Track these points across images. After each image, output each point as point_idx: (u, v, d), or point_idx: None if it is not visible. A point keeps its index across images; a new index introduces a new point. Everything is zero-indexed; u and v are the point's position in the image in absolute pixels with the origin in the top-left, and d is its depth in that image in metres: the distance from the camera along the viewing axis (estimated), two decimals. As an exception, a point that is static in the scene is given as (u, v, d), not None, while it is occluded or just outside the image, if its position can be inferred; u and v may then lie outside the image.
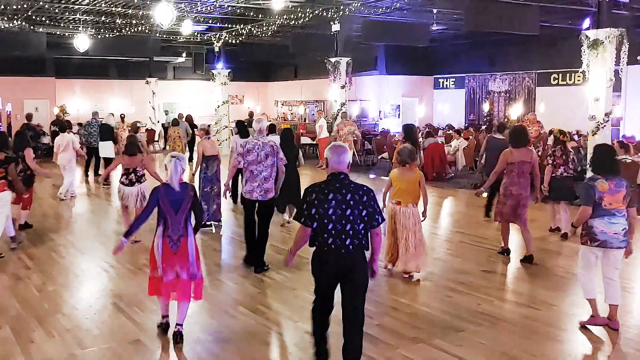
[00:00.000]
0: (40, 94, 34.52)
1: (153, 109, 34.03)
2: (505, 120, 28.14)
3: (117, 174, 21.01)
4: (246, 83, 40.52)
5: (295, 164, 13.67)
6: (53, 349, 7.33)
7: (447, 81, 35.07)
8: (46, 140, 29.17)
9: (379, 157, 23.27)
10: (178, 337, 7.50)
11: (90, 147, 22.62)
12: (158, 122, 34.47)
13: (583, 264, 8.15)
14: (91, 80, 36.65)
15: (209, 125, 16.32)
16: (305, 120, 29.86)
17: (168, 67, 39.01)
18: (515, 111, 29.22)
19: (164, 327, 7.78)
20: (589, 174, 8.33)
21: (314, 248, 6.37)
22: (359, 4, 21.80)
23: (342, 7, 22.30)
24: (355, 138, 22.63)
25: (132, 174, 12.66)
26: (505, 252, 11.57)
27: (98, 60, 34.65)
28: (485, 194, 13.37)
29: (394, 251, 10.39)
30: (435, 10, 22.44)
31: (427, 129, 24.87)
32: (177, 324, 7.57)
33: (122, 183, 12.78)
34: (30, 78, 34.05)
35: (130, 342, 7.54)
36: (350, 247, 6.20)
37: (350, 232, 6.18)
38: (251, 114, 28.79)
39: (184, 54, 36.90)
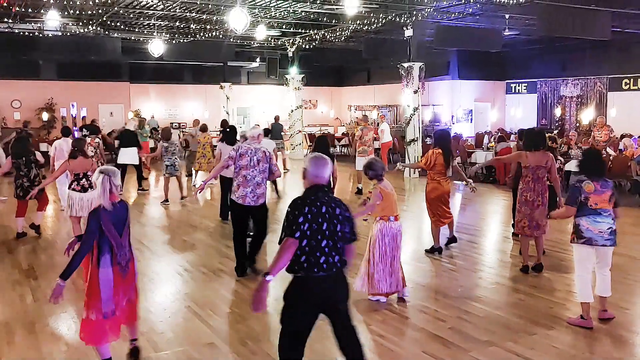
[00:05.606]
0: (115, 99, 35.20)
1: (227, 113, 34.30)
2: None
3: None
4: (319, 88, 40.95)
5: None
6: (127, 352, 7.27)
7: (519, 86, 34.83)
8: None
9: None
10: (138, 353, 7.13)
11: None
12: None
13: (578, 264, 8.35)
14: (165, 85, 37.28)
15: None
16: (377, 125, 29.98)
17: (242, 72, 39.36)
18: (587, 116, 28.97)
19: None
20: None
21: (297, 273, 5.56)
22: (431, 10, 21.92)
23: (414, 13, 22.43)
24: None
25: (84, 179, 11.78)
26: (526, 269, 10.80)
27: (172, 65, 35.21)
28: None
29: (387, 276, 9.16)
30: (507, 16, 22.43)
31: (499, 134, 24.83)
32: (132, 340, 7.16)
33: (74, 190, 11.82)
34: (105, 83, 34.68)
35: (204, 345, 7.61)
36: (339, 264, 5.59)
37: (340, 248, 5.61)
38: (277, 118, 28.57)
39: (257, 59, 37.38)
